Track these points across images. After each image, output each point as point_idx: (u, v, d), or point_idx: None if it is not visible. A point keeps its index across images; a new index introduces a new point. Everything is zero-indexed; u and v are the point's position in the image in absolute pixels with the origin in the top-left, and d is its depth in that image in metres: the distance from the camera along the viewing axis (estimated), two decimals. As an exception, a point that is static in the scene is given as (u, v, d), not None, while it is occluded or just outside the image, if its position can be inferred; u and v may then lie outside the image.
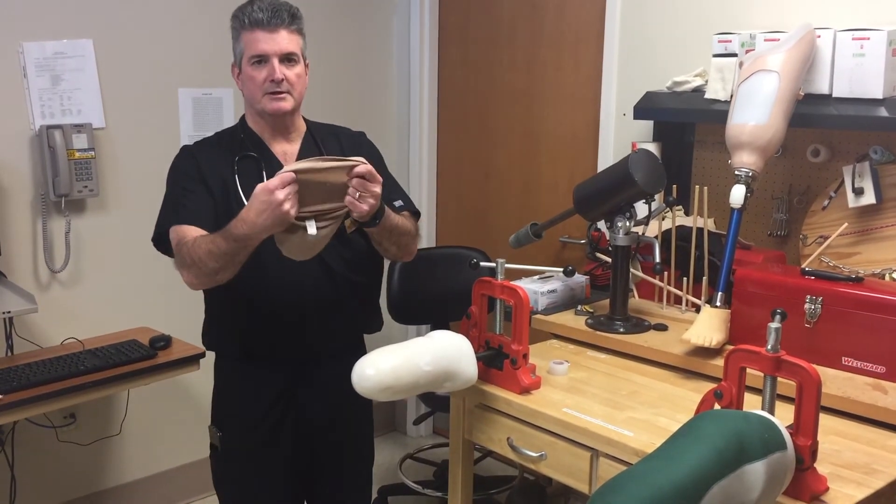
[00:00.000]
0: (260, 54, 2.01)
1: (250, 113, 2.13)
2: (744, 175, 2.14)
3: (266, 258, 1.99)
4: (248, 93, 2.08)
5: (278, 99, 2.03)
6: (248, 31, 2.01)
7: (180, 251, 1.96)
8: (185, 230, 1.99)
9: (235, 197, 2.04)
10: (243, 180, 2.05)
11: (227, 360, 2.20)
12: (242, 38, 2.03)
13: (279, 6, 2.03)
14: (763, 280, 2.06)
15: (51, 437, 2.97)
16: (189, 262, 1.93)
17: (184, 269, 1.97)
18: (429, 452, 3.73)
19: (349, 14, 3.60)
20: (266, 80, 2.02)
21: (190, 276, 1.96)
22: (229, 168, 2.07)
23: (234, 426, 2.17)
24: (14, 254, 2.85)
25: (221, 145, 2.12)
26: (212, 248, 1.89)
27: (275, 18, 2.00)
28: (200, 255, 1.90)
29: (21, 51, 2.80)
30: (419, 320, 3.45)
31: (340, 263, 2.10)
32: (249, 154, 2.09)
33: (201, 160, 2.08)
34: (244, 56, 2.03)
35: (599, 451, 1.78)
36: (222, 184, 2.05)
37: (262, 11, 2.00)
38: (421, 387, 1.86)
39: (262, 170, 2.06)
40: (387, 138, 3.82)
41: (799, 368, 1.47)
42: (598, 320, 2.30)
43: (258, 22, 2.00)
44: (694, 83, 2.55)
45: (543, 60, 3.30)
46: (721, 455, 1.33)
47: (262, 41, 2.00)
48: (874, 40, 2.12)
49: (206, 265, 1.91)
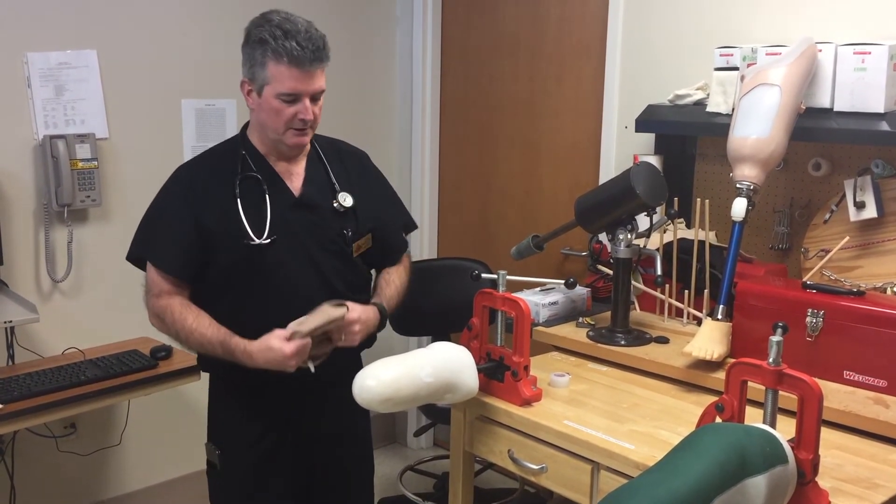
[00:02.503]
0: (293, 93, 1.90)
1: (257, 131, 2.03)
2: (745, 188, 2.14)
3: (273, 287, 1.97)
4: (266, 120, 1.96)
5: (302, 135, 1.98)
6: (283, 66, 1.88)
7: (163, 314, 1.98)
8: (161, 281, 1.99)
9: (235, 221, 1.97)
10: (245, 202, 1.98)
11: (222, 380, 2.15)
12: (270, 67, 1.89)
13: (318, 41, 1.90)
14: (764, 293, 2.06)
15: (51, 447, 2.96)
16: (170, 331, 1.99)
17: (158, 323, 2.01)
18: (429, 464, 3.72)
19: (352, 27, 3.62)
20: (294, 118, 1.93)
21: (161, 330, 2.02)
22: (230, 190, 1.98)
23: (234, 444, 2.12)
24: (16, 263, 2.86)
25: (221, 164, 2.02)
26: (205, 345, 1.95)
27: (315, 60, 1.89)
28: (189, 341, 1.96)
29: (25, 61, 2.81)
30: (420, 332, 3.45)
31: (343, 286, 2.08)
32: (251, 174, 2.01)
33: (200, 186, 1.99)
34: (270, 87, 1.91)
35: (600, 464, 1.77)
36: (220, 210, 1.97)
37: (301, 49, 1.87)
38: (422, 398, 1.86)
39: (266, 192, 1.99)
40: (389, 150, 3.84)
41: (800, 382, 1.47)
42: (600, 332, 2.30)
43: (298, 61, 1.87)
44: (696, 96, 2.56)
45: (545, 73, 3.31)
46: (722, 468, 1.33)
47: (296, 80, 1.89)
48: (875, 55, 2.13)
49: (189, 347, 2.00)
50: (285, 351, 1.86)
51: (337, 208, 2.06)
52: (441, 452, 3.79)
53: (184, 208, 1.98)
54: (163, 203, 2.04)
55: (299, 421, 2.12)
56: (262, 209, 1.98)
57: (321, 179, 2.08)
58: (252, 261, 1.97)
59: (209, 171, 2.03)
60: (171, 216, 2.00)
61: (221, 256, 1.98)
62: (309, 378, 1.95)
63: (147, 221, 2.06)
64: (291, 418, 2.11)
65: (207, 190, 1.99)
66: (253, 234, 1.96)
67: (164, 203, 2.03)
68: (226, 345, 1.92)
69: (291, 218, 2.01)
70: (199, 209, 1.97)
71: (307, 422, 2.13)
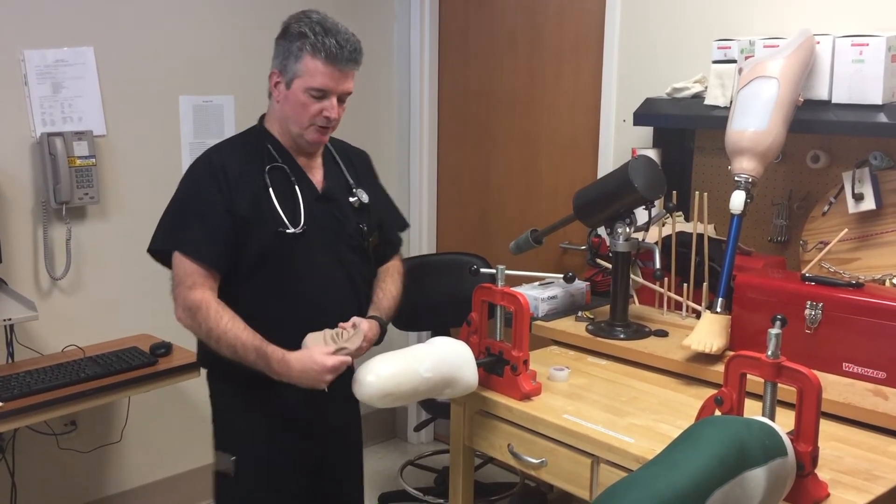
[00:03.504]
0: (323, 90, 1.92)
1: (278, 123, 2.02)
2: (744, 181, 2.14)
3: (299, 278, 1.97)
4: (290, 113, 1.96)
5: (323, 133, 1.99)
6: (319, 61, 1.90)
7: (197, 309, 1.90)
8: (195, 272, 1.91)
9: (270, 208, 1.95)
10: (276, 191, 1.97)
11: (229, 384, 2.08)
12: (306, 61, 1.90)
13: (355, 44, 1.95)
14: (763, 286, 2.06)
15: (51, 444, 2.97)
16: (201, 327, 1.90)
17: (188, 317, 1.92)
18: (429, 459, 3.72)
19: (349, 21, 3.58)
20: (319, 115, 1.94)
21: (188, 325, 1.94)
22: (261, 179, 1.97)
23: (250, 448, 2.06)
24: (15, 261, 2.85)
25: (248, 152, 2.00)
26: (237, 348, 1.87)
27: (352, 61, 1.93)
28: (220, 341, 1.88)
29: (22, 58, 2.81)
30: (420, 327, 3.45)
31: (361, 279, 2.10)
32: (278, 165, 2.00)
33: (230, 173, 1.95)
34: (300, 80, 1.92)
35: (600, 458, 1.77)
36: (251, 196, 1.95)
37: (340, 47, 1.91)
38: (421, 393, 1.86)
39: (295, 183, 1.99)
40: (387, 145, 3.83)
41: (799, 374, 1.47)
42: (599, 326, 2.30)
43: (334, 58, 1.90)
44: (693, 89, 2.55)
45: (543, 67, 3.31)
46: (722, 461, 1.33)
47: (329, 78, 1.92)
48: (873, 46, 2.12)
49: (218, 346, 1.90)
50: (327, 364, 1.83)
51: (354, 204, 2.08)
52: (441, 447, 3.79)
53: (216, 195, 1.92)
54: (192, 190, 1.96)
55: (308, 418, 2.10)
56: (292, 199, 1.98)
57: (338, 176, 2.10)
58: (283, 250, 1.96)
59: (238, 158, 1.99)
60: (203, 204, 1.93)
61: (253, 244, 1.94)
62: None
63: (176, 210, 1.98)
64: (299, 417, 2.08)
65: (239, 177, 1.95)
66: (288, 223, 1.96)
67: (193, 190, 1.96)
68: (261, 351, 1.86)
69: (317, 210, 2.01)
70: (231, 196, 1.93)
71: (314, 417, 2.11)
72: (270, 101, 2.03)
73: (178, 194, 2.00)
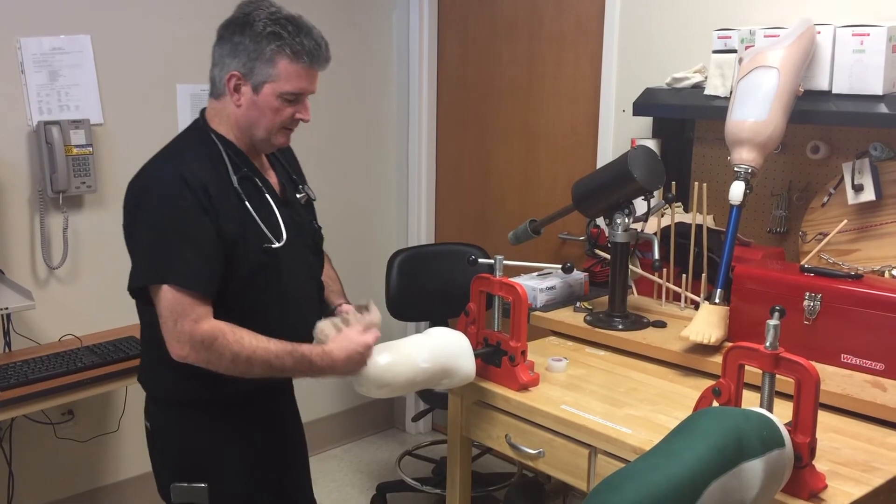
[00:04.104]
0: (298, 93, 1.79)
1: (235, 127, 1.83)
2: (743, 172, 2.14)
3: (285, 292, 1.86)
4: (257, 118, 1.80)
5: (289, 134, 1.87)
6: (297, 64, 1.76)
7: (213, 340, 1.69)
8: (196, 305, 1.70)
9: (252, 225, 1.79)
10: (252, 204, 1.81)
11: (191, 408, 1.88)
12: (280, 64, 1.75)
13: (325, 40, 1.82)
14: (762, 277, 2.05)
15: (49, 433, 2.97)
16: (223, 355, 1.70)
17: (204, 352, 1.70)
18: (427, 449, 3.72)
19: (348, 9, 3.60)
20: (291, 118, 1.82)
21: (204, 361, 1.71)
22: (234, 192, 1.79)
23: (227, 470, 1.90)
24: (12, 250, 2.85)
25: (211, 162, 1.80)
26: (272, 361, 1.73)
27: (327, 59, 1.82)
28: (251, 361, 1.71)
29: (19, 46, 2.79)
30: (418, 317, 3.45)
31: (320, 282, 2.04)
32: (246, 174, 1.84)
33: (211, 190, 1.74)
34: (273, 85, 1.77)
35: (598, 449, 1.77)
36: (234, 215, 1.77)
37: (318, 47, 1.78)
38: (419, 384, 1.86)
39: (264, 192, 1.85)
40: (386, 134, 3.82)
41: (798, 366, 1.47)
42: (597, 317, 2.30)
43: (314, 59, 1.78)
44: (693, 79, 2.54)
45: (543, 56, 3.29)
46: (719, 452, 1.33)
47: (306, 80, 1.79)
48: (874, 36, 2.11)
49: (249, 368, 1.72)
50: (368, 341, 1.79)
51: (301, 200, 1.98)
52: (439, 437, 3.80)
53: (203, 217, 1.72)
54: (174, 213, 1.71)
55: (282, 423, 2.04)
56: (267, 210, 1.84)
57: (284, 175, 1.99)
58: (270, 265, 1.82)
59: (209, 171, 1.77)
60: (191, 228, 1.71)
61: (240, 266, 1.78)
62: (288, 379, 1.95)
63: (159, 238, 1.72)
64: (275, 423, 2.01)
65: (218, 195, 1.75)
66: (272, 238, 1.82)
67: (175, 213, 1.71)
68: (296, 354, 1.75)
69: (285, 217, 1.88)
70: (217, 216, 1.74)
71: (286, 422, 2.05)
72: (220, 102, 1.83)
73: (153, 219, 1.74)
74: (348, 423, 3.89)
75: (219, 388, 1.81)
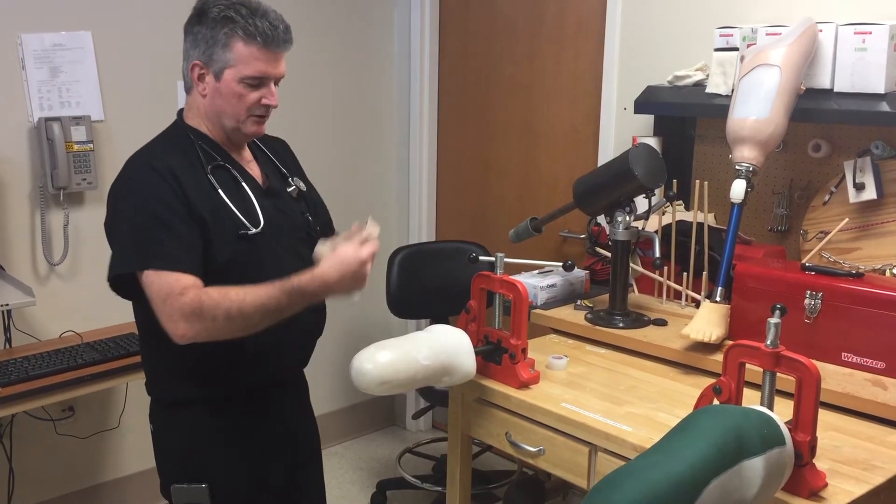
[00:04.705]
0: (260, 76, 1.76)
1: (206, 119, 1.84)
2: (744, 170, 2.13)
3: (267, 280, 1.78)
4: (223, 107, 1.79)
5: (262, 122, 1.84)
6: (251, 45, 1.74)
7: (201, 305, 1.66)
8: (180, 279, 1.68)
9: (226, 211, 1.78)
10: (225, 192, 1.80)
11: (189, 407, 1.89)
12: (237, 48, 1.74)
13: (286, 23, 1.79)
14: (763, 275, 2.05)
15: (49, 430, 2.97)
16: (216, 314, 1.67)
17: (196, 322, 1.67)
18: (428, 447, 3.73)
19: (349, 6, 3.59)
20: (258, 104, 1.79)
21: (199, 331, 1.68)
22: (206, 181, 1.79)
23: (222, 473, 1.89)
24: (12, 246, 2.85)
25: (183, 153, 1.80)
26: (266, 304, 1.68)
27: (287, 41, 1.78)
28: (244, 311, 1.67)
29: (20, 42, 2.79)
30: (418, 315, 3.45)
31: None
32: (219, 164, 1.83)
33: (179, 176, 1.74)
34: (233, 70, 1.75)
35: (598, 446, 1.77)
36: (207, 201, 1.77)
37: (274, 28, 1.75)
38: (419, 381, 1.86)
39: (241, 180, 1.84)
40: (387, 132, 3.82)
41: (798, 364, 1.47)
42: (598, 315, 2.30)
43: (270, 40, 1.74)
44: (695, 77, 2.54)
45: (544, 54, 3.29)
46: (719, 451, 1.32)
47: (266, 62, 1.76)
48: (876, 35, 2.11)
49: (244, 318, 1.68)
50: (362, 255, 1.71)
51: (292, 194, 1.97)
52: (439, 435, 3.80)
53: (175, 201, 1.73)
54: (147, 201, 1.73)
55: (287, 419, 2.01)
56: (243, 198, 1.83)
57: (271, 167, 1.98)
58: (248, 253, 1.81)
59: (178, 160, 1.78)
60: (165, 212, 1.72)
61: (217, 252, 1.77)
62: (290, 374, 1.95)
63: (134, 227, 1.75)
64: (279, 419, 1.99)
65: (188, 181, 1.75)
66: (248, 224, 1.80)
67: (147, 200, 1.73)
68: (287, 287, 1.69)
69: (267, 207, 1.87)
70: (186, 199, 1.74)
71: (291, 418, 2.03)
72: (191, 96, 1.84)
73: (127, 209, 1.76)
74: (349, 420, 3.89)
75: (215, 385, 1.83)
